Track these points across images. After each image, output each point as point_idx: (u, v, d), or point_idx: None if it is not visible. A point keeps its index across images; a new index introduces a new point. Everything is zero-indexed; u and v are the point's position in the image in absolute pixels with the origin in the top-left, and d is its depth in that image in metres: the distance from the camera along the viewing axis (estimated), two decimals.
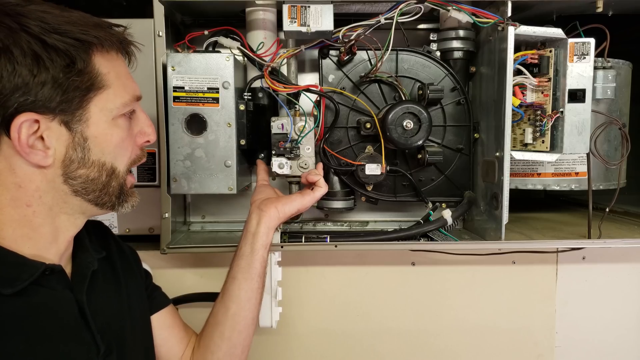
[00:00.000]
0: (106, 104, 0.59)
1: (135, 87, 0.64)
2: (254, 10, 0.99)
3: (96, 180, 0.59)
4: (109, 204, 0.62)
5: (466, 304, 1.20)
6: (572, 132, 0.95)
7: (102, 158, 0.59)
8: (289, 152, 0.98)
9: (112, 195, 0.62)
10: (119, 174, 0.62)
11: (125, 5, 1.18)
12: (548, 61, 0.96)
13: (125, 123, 0.62)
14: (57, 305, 0.59)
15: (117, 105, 0.60)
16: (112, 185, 0.61)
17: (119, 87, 0.60)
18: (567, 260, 1.19)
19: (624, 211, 1.24)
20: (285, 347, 1.18)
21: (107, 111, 0.59)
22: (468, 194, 1.08)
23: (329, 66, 1.05)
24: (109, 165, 0.60)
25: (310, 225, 1.18)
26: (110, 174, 0.60)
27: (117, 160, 0.61)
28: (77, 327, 0.60)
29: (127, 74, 0.63)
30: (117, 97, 0.60)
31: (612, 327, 1.23)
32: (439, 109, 1.07)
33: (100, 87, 0.58)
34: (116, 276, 0.73)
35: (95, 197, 0.60)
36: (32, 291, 0.56)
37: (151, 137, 0.66)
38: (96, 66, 0.57)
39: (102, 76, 0.58)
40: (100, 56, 0.58)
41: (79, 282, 0.63)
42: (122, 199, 0.64)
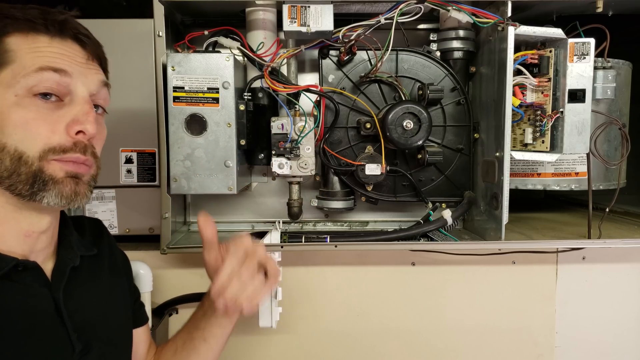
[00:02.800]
0: (10, 81, 0.54)
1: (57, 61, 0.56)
2: (254, 10, 0.99)
3: (1, 164, 0.54)
4: (25, 194, 0.55)
5: (466, 304, 1.20)
6: (572, 132, 0.95)
7: (2, 139, 0.54)
8: (289, 152, 0.98)
9: (25, 183, 0.55)
10: (29, 160, 0.54)
11: (125, 5, 1.18)
12: (548, 61, 0.96)
13: (36, 104, 0.55)
14: (29, 302, 0.57)
15: (19, 79, 0.54)
16: (22, 172, 0.54)
17: (24, 61, 0.55)
18: (567, 260, 1.19)
19: (624, 211, 1.24)
20: (285, 347, 1.18)
21: (10, 88, 0.54)
22: (468, 194, 1.08)
23: (329, 66, 1.05)
24: (11, 149, 0.54)
25: (310, 225, 1.18)
26: (17, 158, 0.54)
27: (24, 144, 0.54)
28: (51, 325, 0.58)
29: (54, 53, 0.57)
30: (20, 71, 0.54)
31: (612, 327, 1.23)
32: (439, 109, 1.07)
33: (4, 63, 0.54)
34: (101, 275, 0.71)
35: (9, 186, 0.55)
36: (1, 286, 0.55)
37: (85, 127, 0.57)
38: (7, 45, 0.55)
39: (10, 53, 0.55)
40: (15, 36, 0.55)
41: (57, 279, 0.61)
42: (40, 188, 0.55)
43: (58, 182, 0.56)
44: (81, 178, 0.59)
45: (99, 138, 0.62)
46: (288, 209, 1.07)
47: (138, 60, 1.02)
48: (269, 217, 1.18)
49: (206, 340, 0.78)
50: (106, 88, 0.63)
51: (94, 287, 0.68)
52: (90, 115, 0.58)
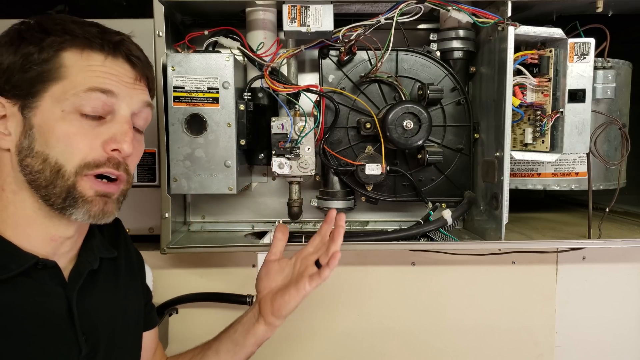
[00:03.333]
0: (60, 96, 0.57)
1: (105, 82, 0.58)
2: (254, 10, 0.99)
3: (40, 174, 0.57)
4: (56, 206, 0.58)
5: (466, 304, 1.20)
6: (572, 132, 0.95)
7: (45, 150, 0.56)
8: (289, 152, 0.98)
9: (58, 196, 0.57)
10: (65, 174, 0.57)
11: (125, 5, 1.18)
12: (548, 61, 0.96)
13: (79, 120, 0.57)
14: (43, 301, 0.58)
15: (69, 96, 0.57)
16: (58, 185, 0.57)
17: (77, 79, 0.57)
18: (567, 260, 1.19)
19: (624, 211, 1.24)
20: (285, 347, 1.18)
21: (59, 103, 0.57)
22: (468, 194, 1.08)
23: (329, 66, 1.05)
24: (52, 161, 0.56)
25: (311, 225, 1.18)
26: (55, 171, 0.57)
27: (63, 157, 0.57)
28: (61, 325, 0.59)
29: (104, 72, 0.59)
30: (71, 89, 0.57)
31: (612, 327, 1.23)
32: (439, 109, 1.07)
33: (56, 78, 0.57)
34: (118, 278, 0.72)
35: (44, 195, 0.57)
36: (19, 282, 0.57)
37: (121, 146, 0.59)
38: (62, 59, 0.57)
39: (63, 68, 0.57)
40: (72, 52, 0.58)
41: (74, 280, 0.62)
42: (70, 204, 0.58)
43: (87, 201, 0.59)
44: (110, 197, 0.61)
45: (135, 155, 0.64)
46: (288, 209, 1.07)
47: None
48: (269, 217, 1.18)
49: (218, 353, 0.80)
50: (149, 108, 0.65)
51: (109, 290, 0.69)
52: (128, 135, 0.60)
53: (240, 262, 1.16)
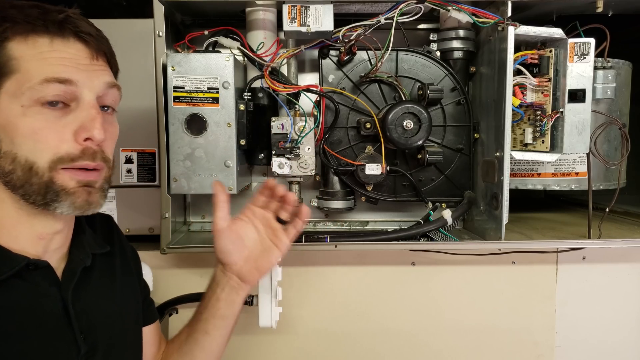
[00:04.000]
0: (16, 90, 0.53)
1: (61, 70, 0.54)
2: (254, 10, 0.99)
3: (12, 175, 0.54)
4: (38, 203, 0.56)
5: (466, 304, 1.20)
6: (572, 132, 0.95)
7: (12, 149, 0.54)
8: (289, 152, 0.98)
9: (37, 193, 0.55)
10: (39, 171, 0.54)
11: (125, 5, 1.18)
12: (548, 61, 0.96)
13: (42, 113, 0.54)
14: (38, 302, 0.57)
15: (24, 90, 0.53)
16: (34, 183, 0.54)
17: (31, 70, 0.53)
18: (567, 260, 1.19)
19: (624, 211, 1.24)
20: (285, 347, 1.18)
21: (15, 98, 0.53)
22: (468, 194, 1.08)
23: (329, 66, 1.05)
24: (22, 159, 0.54)
25: (310, 225, 1.18)
26: (27, 169, 0.54)
27: (33, 154, 0.54)
28: (58, 325, 0.58)
29: (57, 58, 0.55)
30: (25, 82, 0.53)
31: (612, 327, 1.23)
32: (439, 109, 1.07)
33: (8, 73, 0.53)
34: (113, 275, 0.70)
35: (23, 195, 0.55)
36: (12, 285, 0.55)
37: (91, 134, 0.55)
38: (9, 51, 0.53)
39: (13, 61, 0.53)
40: (16, 41, 0.54)
41: (67, 279, 0.61)
42: (52, 198, 0.55)
43: (70, 193, 0.56)
44: (93, 186, 0.58)
45: (109, 139, 0.61)
46: None
47: (138, 60, 1.02)
48: None
49: (208, 332, 0.78)
50: (114, 89, 0.61)
51: (105, 287, 0.68)
52: (97, 121, 0.56)
53: None
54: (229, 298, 0.77)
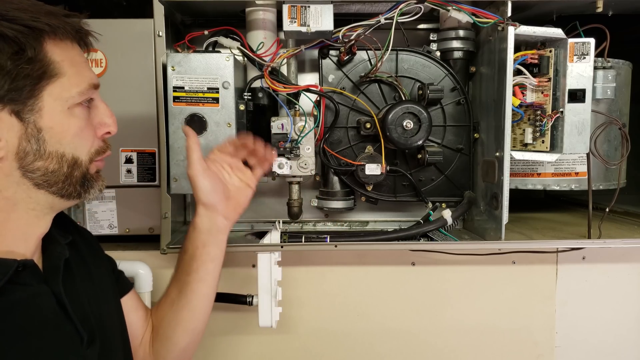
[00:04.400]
0: (61, 93, 0.56)
1: (92, 75, 0.61)
2: (254, 10, 0.99)
3: (57, 172, 0.57)
4: (74, 194, 0.60)
5: (466, 304, 1.20)
6: (572, 132, 0.95)
7: (60, 149, 0.57)
8: (289, 152, 0.98)
9: (76, 184, 0.60)
10: (82, 164, 0.60)
11: (125, 5, 1.18)
12: (548, 61, 0.96)
13: (82, 112, 0.59)
14: (34, 301, 0.57)
15: (73, 94, 0.57)
16: (75, 175, 0.59)
17: (74, 75, 0.57)
18: (567, 260, 1.19)
19: (624, 211, 1.24)
20: (285, 347, 1.18)
21: (62, 100, 0.56)
22: (468, 194, 1.08)
23: (329, 66, 1.05)
24: (69, 157, 0.58)
25: (310, 225, 1.18)
26: (72, 164, 0.58)
27: (78, 150, 0.59)
28: (57, 320, 0.59)
29: (83, 63, 0.61)
30: (73, 86, 0.57)
31: (612, 327, 1.23)
32: (439, 109, 1.07)
33: (53, 76, 0.56)
34: (84, 260, 0.71)
35: (59, 189, 0.58)
36: (7, 289, 0.55)
37: (111, 129, 0.63)
38: (48, 54, 0.55)
39: (55, 64, 0.56)
40: (53, 44, 0.56)
41: (53, 273, 0.62)
42: (87, 186, 0.61)
43: (96, 179, 0.63)
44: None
45: None
46: (288, 209, 1.07)
47: (138, 60, 1.02)
48: (269, 217, 1.18)
49: (202, 279, 0.78)
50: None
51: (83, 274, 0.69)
52: (113, 117, 0.64)
53: (240, 262, 1.16)
54: (217, 239, 0.79)
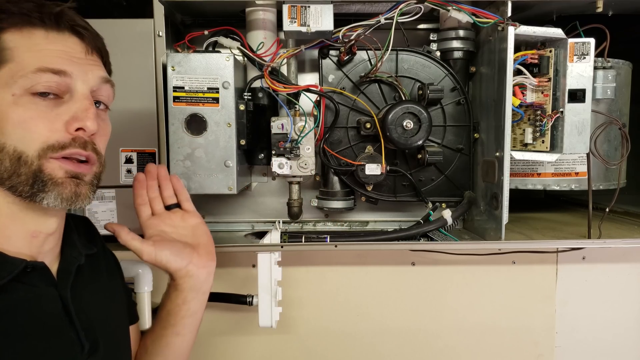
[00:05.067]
0: (8, 80, 0.53)
1: (56, 61, 0.55)
2: (254, 10, 0.99)
3: (0, 165, 0.53)
4: (25, 194, 0.54)
5: (466, 304, 1.20)
6: (572, 132, 0.95)
7: (1, 139, 0.53)
8: (289, 152, 0.98)
9: (24, 183, 0.54)
10: (28, 159, 0.53)
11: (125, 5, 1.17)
12: (548, 61, 0.96)
13: (34, 102, 0.54)
14: (38, 302, 0.57)
15: (17, 79, 0.53)
16: (22, 172, 0.53)
17: (25, 60, 0.53)
18: (567, 260, 1.19)
19: (624, 211, 1.24)
20: (285, 347, 1.18)
21: (7, 87, 0.53)
22: (468, 194, 1.08)
23: (329, 66, 1.05)
24: (10, 149, 0.53)
25: (310, 225, 1.18)
26: (16, 158, 0.53)
27: (22, 143, 0.53)
28: (60, 324, 0.58)
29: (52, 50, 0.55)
30: (18, 71, 0.53)
31: (612, 327, 1.23)
32: (439, 109, 1.07)
33: (1, 62, 0.53)
34: (101, 275, 0.71)
35: (10, 186, 0.54)
36: (11, 288, 0.54)
37: (84, 124, 0.56)
38: (3, 42, 0.53)
39: (7, 51, 0.53)
40: (11, 32, 0.54)
41: (64, 278, 0.61)
42: (39, 188, 0.54)
43: (57, 184, 0.55)
44: (82, 178, 0.57)
45: (101, 134, 0.60)
46: (288, 209, 1.07)
47: (138, 60, 1.02)
48: (269, 217, 1.18)
49: (179, 333, 0.77)
50: (108, 85, 0.61)
51: (96, 286, 0.68)
52: (90, 112, 0.56)
53: (240, 262, 1.16)
54: (199, 294, 0.77)
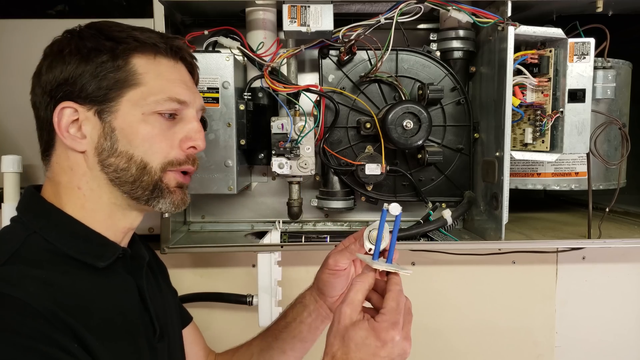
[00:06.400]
0: (139, 100, 0.61)
1: (180, 92, 0.64)
2: (254, 10, 0.99)
3: (126, 172, 0.61)
4: (142, 199, 0.63)
5: (466, 303, 1.20)
6: (572, 132, 0.95)
7: (130, 150, 0.61)
8: (289, 152, 0.98)
9: (145, 189, 0.63)
10: (152, 170, 0.62)
11: (125, 5, 1.18)
12: (548, 61, 0.96)
13: (159, 121, 0.63)
14: (125, 286, 0.64)
15: (148, 102, 0.62)
16: (144, 180, 0.62)
17: (155, 86, 0.62)
18: (567, 260, 1.20)
19: (624, 211, 1.24)
20: None
21: (138, 107, 0.61)
22: (468, 194, 1.08)
23: (329, 66, 1.05)
24: (138, 159, 0.62)
25: (310, 225, 1.18)
26: (142, 168, 0.62)
27: (148, 155, 0.62)
28: (139, 308, 0.65)
29: (175, 80, 0.65)
30: (151, 95, 0.62)
31: (612, 327, 1.23)
32: (439, 109, 1.07)
33: (134, 84, 0.61)
34: (157, 277, 0.77)
35: (129, 190, 0.62)
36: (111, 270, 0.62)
37: (197, 144, 0.66)
38: (134, 66, 0.62)
39: (138, 75, 0.62)
40: (140, 58, 0.62)
41: (137, 269, 0.67)
42: (157, 195, 0.64)
43: (171, 192, 0.65)
44: (185, 187, 0.68)
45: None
46: (288, 209, 1.07)
47: None
48: (269, 217, 1.18)
49: (285, 352, 0.81)
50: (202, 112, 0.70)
51: (155, 285, 0.74)
52: (202, 133, 0.67)
53: (240, 262, 1.16)
54: (314, 324, 0.80)
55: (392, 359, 0.57)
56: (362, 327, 0.57)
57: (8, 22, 1.04)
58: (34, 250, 0.58)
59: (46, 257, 0.58)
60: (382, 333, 0.56)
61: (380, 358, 0.56)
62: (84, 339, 0.52)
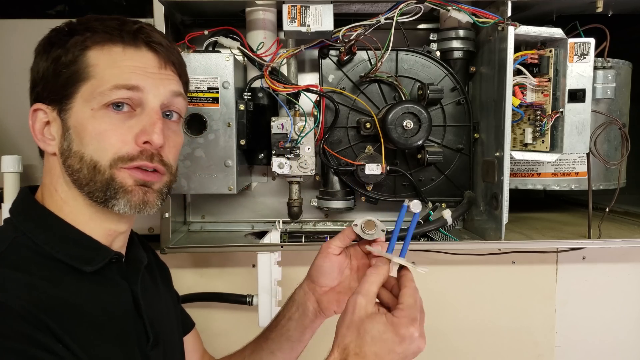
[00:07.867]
0: (89, 95, 0.57)
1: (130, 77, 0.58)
2: (254, 10, 0.99)
3: (79, 173, 0.58)
4: (100, 200, 0.59)
5: (466, 303, 1.20)
6: (572, 132, 0.95)
7: (81, 149, 0.58)
8: (289, 152, 0.98)
9: (99, 190, 0.58)
10: (101, 169, 0.57)
11: (125, 5, 1.18)
12: (548, 61, 0.96)
13: (108, 115, 0.58)
14: (116, 291, 0.61)
15: (95, 95, 0.57)
16: (97, 180, 0.58)
17: (104, 77, 0.57)
18: (567, 260, 1.20)
19: (624, 211, 1.24)
20: None
21: (87, 102, 0.58)
22: (468, 194, 1.08)
23: (329, 66, 1.05)
24: (88, 158, 0.57)
25: (310, 225, 1.18)
26: (92, 167, 0.57)
27: (97, 153, 0.57)
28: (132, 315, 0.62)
29: (127, 67, 0.59)
30: (97, 87, 0.57)
31: (612, 327, 1.23)
32: (439, 109, 1.07)
33: (85, 78, 0.58)
34: (157, 281, 0.74)
35: (87, 192, 0.58)
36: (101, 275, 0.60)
37: (152, 138, 0.58)
38: (88, 59, 0.58)
39: (90, 67, 0.58)
40: (94, 50, 0.58)
41: (133, 274, 0.64)
42: (111, 195, 0.58)
43: (127, 191, 0.59)
44: (151, 187, 0.61)
45: (170, 146, 0.63)
46: (288, 209, 1.07)
47: None
48: (269, 217, 1.18)
49: (274, 353, 0.79)
50: (180, 98, 0.64)
51: (154, 290, 0.71)
52: (157, 126, 0.59)
53: (240, 262, 1.16)
54: (300, 321, 0.77)
55: (407, 356, 0.56)
56: (380, 321, 0.56)
57: (8, 22, 1.04)
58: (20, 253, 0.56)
59: (32, 259, 0.56)
60: (402, 329, 0.56)
61: (395, 354, 0.55)
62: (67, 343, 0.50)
